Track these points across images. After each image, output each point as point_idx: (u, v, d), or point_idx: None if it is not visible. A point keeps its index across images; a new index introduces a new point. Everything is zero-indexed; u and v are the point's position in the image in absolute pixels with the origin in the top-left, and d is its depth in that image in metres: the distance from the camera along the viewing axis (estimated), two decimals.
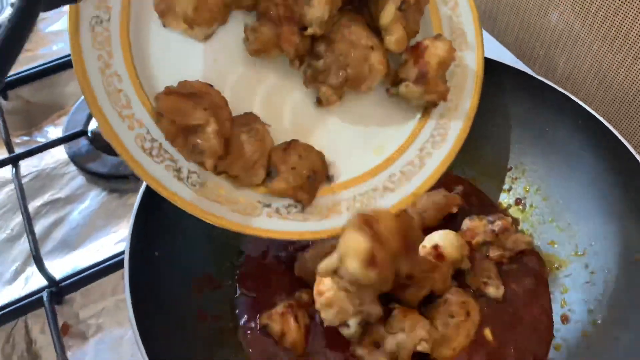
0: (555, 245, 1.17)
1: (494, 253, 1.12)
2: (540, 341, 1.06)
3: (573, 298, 1.10)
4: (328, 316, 0.98)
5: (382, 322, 1.00)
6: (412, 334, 0.97)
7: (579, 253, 1.13)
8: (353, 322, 0.97)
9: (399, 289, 0.98)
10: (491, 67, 1.22)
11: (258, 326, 1.06)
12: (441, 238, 1.08)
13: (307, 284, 1.09)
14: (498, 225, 1.14)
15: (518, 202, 1.25)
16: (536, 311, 1.09)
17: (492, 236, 1.13)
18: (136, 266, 0.93)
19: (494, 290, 1.09)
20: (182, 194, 0.83)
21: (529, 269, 1.15)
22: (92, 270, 1.26)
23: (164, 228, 1.04)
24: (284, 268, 1.15)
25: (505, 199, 1.27)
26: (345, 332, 0.99)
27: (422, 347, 0.97)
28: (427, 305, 1.05)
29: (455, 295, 1.05)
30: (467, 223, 1.16)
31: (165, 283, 1.00)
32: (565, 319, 1.08)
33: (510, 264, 1.15)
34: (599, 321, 1.02)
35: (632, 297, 1.00)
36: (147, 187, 1.03)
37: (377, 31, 0.95)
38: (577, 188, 1.17)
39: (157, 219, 1.02)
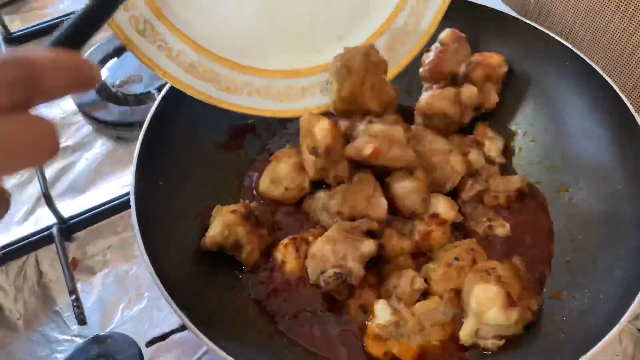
0: (542, 184, 1.21)
1: (488, 198, 1.16)
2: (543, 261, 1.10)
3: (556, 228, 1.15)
4: (310, 268, 1.03)
5: (368, 286, 1.05)
6: (404, 277, 1.03)
7: (564, 190, 1.17)
8: (330, 272, 1.00)
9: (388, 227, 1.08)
10: (478, 11, 1.28)
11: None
12: (437, 207, 1.12)
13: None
14: (486, 173, 1.18)
15: (506, 146, 1.29)
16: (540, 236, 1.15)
17: (482, 185, 1.17)
18: (142, 190, 1.00)
19: (501, 229, 1.13)
20: (171, 71, 0.99)
21: (529, 204, 1.19)
22: (99, 209, 1.32)
23: (167, 161, 1.10)
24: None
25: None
26: (324, 286, 1.01)
27: (419, 283, 1.02)
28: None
29: (463, 243, 1.10)
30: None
31: (168, 209, 1.06)
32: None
33: (511, 204, 1.19)
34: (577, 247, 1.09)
35: (609, 227, 1.06)
36: (150, 122, 1.09)
37: None
38: (564, 129, 1.21)
39: (160, 152, 1.09)
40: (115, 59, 1.69)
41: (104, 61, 1.68)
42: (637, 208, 1.01)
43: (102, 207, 1.31)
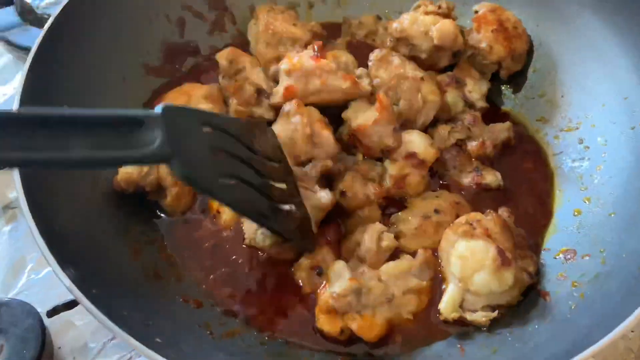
0: (546, 122, 1.00)
1: (472, 145, 0.95)
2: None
3: (562, 179, 0.94)
4: (247, 223, 0.84)
5: (325, 243, 0.85)
6: (369, 232, 0.82)
7: (572, 127, 0.96)
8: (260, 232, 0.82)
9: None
10: None
11: None
12: (413, 144, 0.92)
13: None
14: (467, 119, 0.97)
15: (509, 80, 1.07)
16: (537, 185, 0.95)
17: (464, 131, 0.96)
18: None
19: (492, 178, 0.93)
20: None
21: (527, 153, 0.99)
22: None
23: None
24: None
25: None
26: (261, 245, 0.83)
27: (388, 240, 0.82)
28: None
29: (448, 195, 0.91)
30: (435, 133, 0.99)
31: None
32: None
33: (504, 152, 0.99)
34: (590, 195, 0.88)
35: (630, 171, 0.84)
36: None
37: None
38: (573, 53, 0.99)
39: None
40: None
41: None
42: None
43: None
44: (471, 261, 0.75)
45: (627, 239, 0.76)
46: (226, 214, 0.87)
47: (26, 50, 1.25)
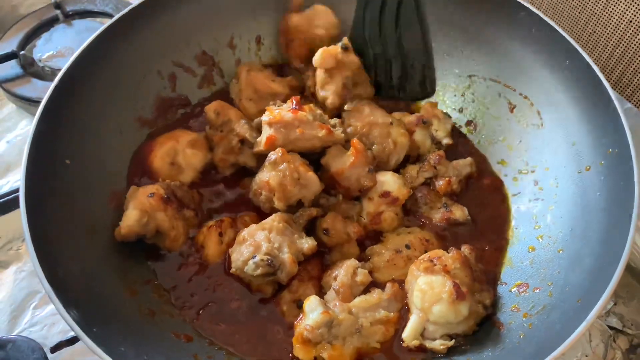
0: (505, 165, 1.09)
1: (439, 184, 1.05)
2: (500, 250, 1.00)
3: (519, 218, 1.03)
4: (236, 253, 0.91)
5: (308, 279, 0.94)
6: (345, 267, 0.91)
7: (529, 170, 1.05)
8: (264, 257, 0.89)
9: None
10: None
11: None
12: (387, 184, 1.01)
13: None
14: (432, 158, 1.07)
15: (469, 123, 1.17)
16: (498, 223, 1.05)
17: (431, 170, 1.06)
18: (38, 169, 0.86)
19: (460, 213, 1.02)
20: None
21: (490, 187, 1.09)
22: (14, 195, 1.16)
23: (76, 138, 0.96)
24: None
25: (457, 117, 1.18)
26: (251, 272, 0.90)
27: (362, 275, 0.90)
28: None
29: (419, 232, 1.00)
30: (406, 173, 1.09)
31: (74, 192, 0.92)
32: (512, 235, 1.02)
33: (468, 185, 1.09)
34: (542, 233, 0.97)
35: (577, 211, 0.94)
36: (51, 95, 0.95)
37: None
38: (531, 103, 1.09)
39: (67, 128, 0.94)
40: (46, 31, 1.52)
41: (32, 33, 1.51)
42: (607, 189, 0.89)
43: (16, 194, 1.15)
44: (430, 294, 0.83)
45: (571, 273, 0.85)
46: (209, 249, 0.96)
47: (28, 100, 1.36)
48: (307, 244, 0.92)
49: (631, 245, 0.78)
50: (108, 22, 1.04)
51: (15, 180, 1.28)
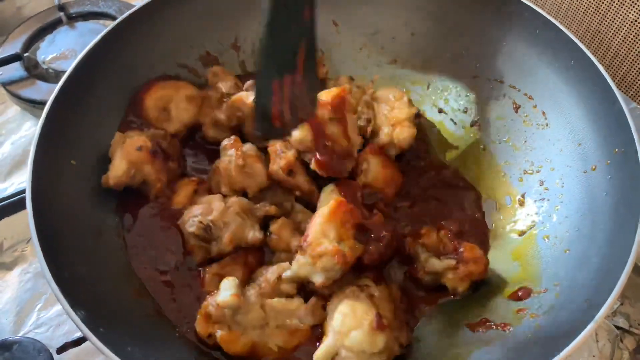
0: (509, 164, 1.09)
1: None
2: None
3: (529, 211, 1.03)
4: (188, 211, 0.95)
5: (243, 264, 0.95)
6: (275, 266, 0.92)
7: (535, 170, 1.05)
8: (202, 219, 0.93)
9: None
10: None
11: None
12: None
13: None
14: None
15: (474, 123, 1.17)
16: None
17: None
18: (44, 169, 0.86)
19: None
20: None
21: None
22: (18, 197, 1.16)
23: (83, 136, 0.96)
24: None
25: (461, 117, 1.18)
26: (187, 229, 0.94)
27: (288, 287, 0.89)
28: None
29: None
30: None
31: (81, 193, 0.92)
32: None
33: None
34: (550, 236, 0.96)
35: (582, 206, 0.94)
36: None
37: None
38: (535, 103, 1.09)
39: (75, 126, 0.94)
40: (49, 34, 1.52)
41: (36, 35, 1.51)
42: (614, 189, 0.89)
43: (21, 196, 1.15)
44: (351, 318, 0.80)
45: (578, 273, 0.85)
46: (179, 196, 1.01)
47: (32, 102, 1.36)
48: (252, 234, 0.93)
49: (638, 245, 0.78)
50: (112, 23, 1.04)
51: (19, 182, 1.27)
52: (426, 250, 0.95)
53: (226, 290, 0.82)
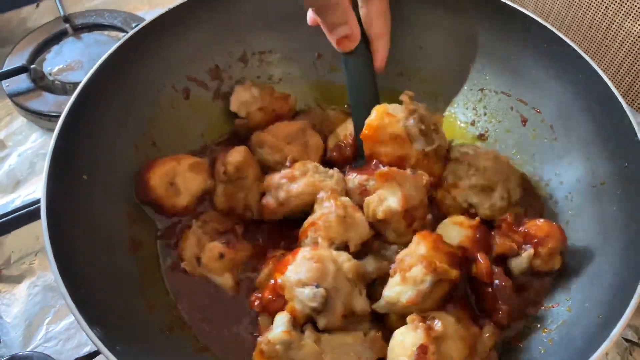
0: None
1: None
2: None
3: None
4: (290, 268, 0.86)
5: None
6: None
7: (544, 184, 1.05)
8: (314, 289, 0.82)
9: None
10: None
11: None
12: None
13: None
14: None
15: (481, 136, 1.18)
16: None
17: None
18: (58, 183, 0.86)
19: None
20: None
21: None
22: (25, 210, 1.16)
23: (94, 151, 0.96)
24: None
25: (469, 130, 1.19)
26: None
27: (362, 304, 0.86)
28: None
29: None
30: None
31: (92, 206, 0.92)
32: None
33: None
34: None
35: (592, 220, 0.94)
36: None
37: None
38: (542, 116, 1.09)
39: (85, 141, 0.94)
40: (55, 45, 1.52)
41: (42, 47, 1.52)
42: (624, 203, 0.89)
43: (29, 208, 1.15)
44: (399, 346, 0.77)
45: (589, 288, 0.85)
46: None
47: (39, 114, 1.36)
48: (362, 305, 0.84)
49: None
50: (123, 37, 1.04)
51: (26, 194, 1.27)
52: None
53: (278, 327, 0.80)
